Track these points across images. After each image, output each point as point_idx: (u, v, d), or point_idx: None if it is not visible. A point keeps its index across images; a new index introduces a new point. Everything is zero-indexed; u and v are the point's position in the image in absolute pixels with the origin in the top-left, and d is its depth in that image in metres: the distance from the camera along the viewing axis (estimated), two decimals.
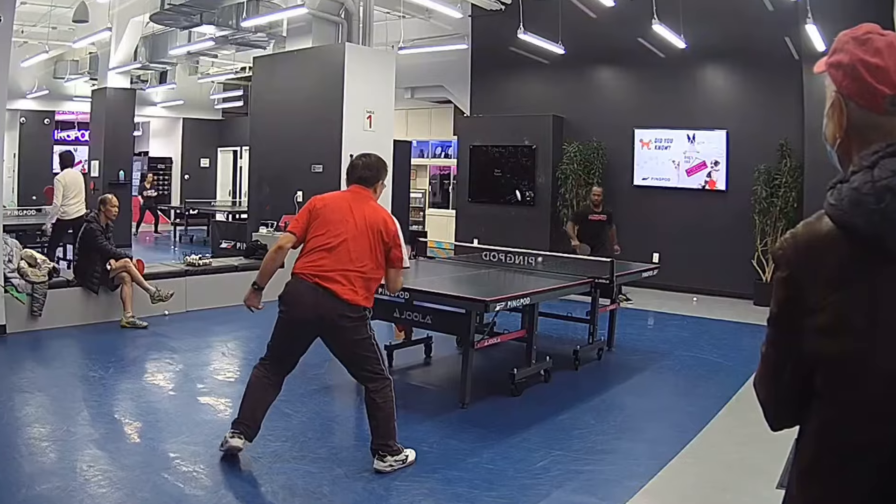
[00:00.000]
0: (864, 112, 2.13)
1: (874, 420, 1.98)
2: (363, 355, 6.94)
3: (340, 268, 6.71)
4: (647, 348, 12.75)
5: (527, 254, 12.05)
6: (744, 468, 7.34)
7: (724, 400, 9.63)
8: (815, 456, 2.13)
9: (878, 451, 1.96)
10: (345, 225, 6.84)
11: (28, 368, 10.36)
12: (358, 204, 7.01)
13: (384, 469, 6.95)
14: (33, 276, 12.12)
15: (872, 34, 2.15)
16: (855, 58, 2.14)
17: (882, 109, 2.11)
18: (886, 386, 1.96)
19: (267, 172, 17.96)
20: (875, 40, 2.14)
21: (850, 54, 2.15)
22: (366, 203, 7.05)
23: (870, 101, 2.12)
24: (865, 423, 2.00)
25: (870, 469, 1.98)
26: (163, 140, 35.98)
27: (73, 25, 22.05)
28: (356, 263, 6.75)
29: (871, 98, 2.11)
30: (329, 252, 6.77)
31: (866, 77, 2.11)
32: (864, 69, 2.12)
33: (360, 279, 6.76)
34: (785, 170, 16.68)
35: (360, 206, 7.00)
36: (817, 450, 2.12)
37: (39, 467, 6.82)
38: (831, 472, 2.07)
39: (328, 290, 6.67)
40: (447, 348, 11.70)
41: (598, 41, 19.44)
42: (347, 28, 17.71)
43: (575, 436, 8.21)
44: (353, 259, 6.75)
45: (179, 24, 18.34)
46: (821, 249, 2.07)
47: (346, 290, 6.68)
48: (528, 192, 20.75)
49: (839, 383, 2.04)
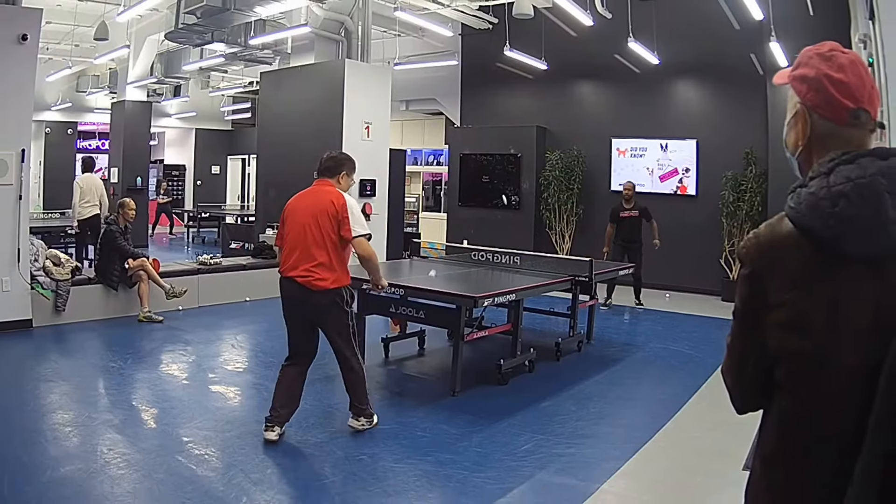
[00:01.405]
0: (827, 123, 2.14)
1: (834, 412, 1.98)
2: (341, 336, 7.26)
3: (307, 263, 7.05)
4: (624, 341, 12.76)
5: (512, 254, 12.01)
6: (713, 451, 7.36)
7: (694, 388, 9.66)
8: (778, 443, 2.13)
9: (840, 438, 1.96)
10: (301, 217, 7.18)
11: (52, 359, 10.38)
12: (314, 195, 7.35)
13: (357, 427, 7.45)
14: (57, 274, 12.15)
15: (836, 51, 2.17)
16: (820, 72, 2.15)
17: (844, 121, 2.12)
18: (844, 380, 1.96)
19: (273, 179, 17.90)
20: (839, 57, 2.15)
21: (815, 69, 2.17)
22: (322, 191, 7.36)
23: (833, 113, 2.13)
24: (826, 415, 2.00)
25: (832, 455, 1.98)
26: (177, 149, 35.88)
27: (94, 43, 21.95)
28: (319, 253, 7.06)
29: (835, 110, 2.13)
30: (295, 252, 7.14)
31: (831, 90, 2.12)
32: (828, 83, 2.13)
33: (326, 267, 7.07)
34: (750, 176, 16.69)
35: (317, 196, 7.31)
36: (780, 438, 2.12)
37: (63, 451, 6.85)
38: (794, 460, 2.07)
39: (302, 284, 7.06)
40: (439, 341, 11.67)
41: (579, 57, 19.43)
42: (347, 45, 17.68)
43: (557, 421, 8.22)
44: (315, 251, 7.06)
45: (192, 42, 18.27)
46: (781, 249, 2.08)
47: (316, 281, 7.04)
48: (513, 196, 20.74)
49: (799, 377, 2.05)
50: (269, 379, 9.34)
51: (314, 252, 7.06)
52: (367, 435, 7.52)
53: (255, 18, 16.42)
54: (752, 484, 2.23)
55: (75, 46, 23.28)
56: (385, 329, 11.47)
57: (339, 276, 7.17)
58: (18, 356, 10.52)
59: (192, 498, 5.89)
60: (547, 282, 10.58)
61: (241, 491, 6.12)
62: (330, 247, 7.10)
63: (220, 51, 20.00)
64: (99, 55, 23.46)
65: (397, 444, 7.35)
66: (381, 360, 10.65)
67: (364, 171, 16.81)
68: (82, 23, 21.21)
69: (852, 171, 2.00)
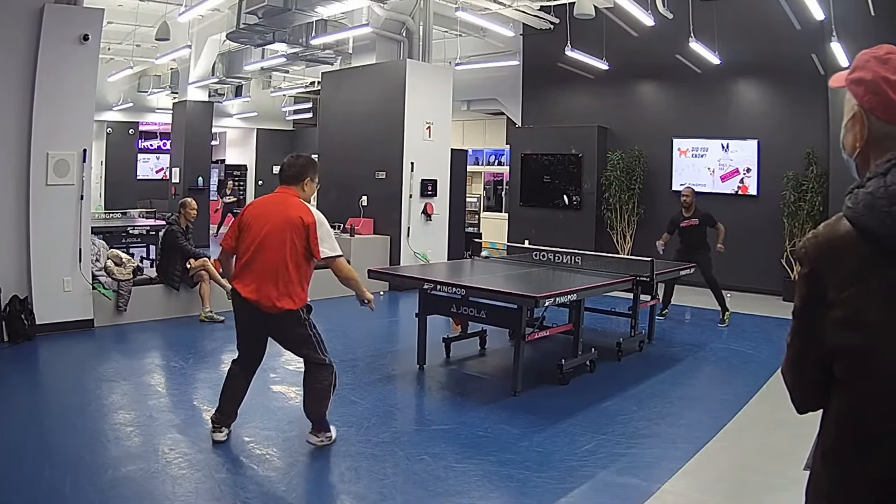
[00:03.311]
0: (884, 124, 2.16)
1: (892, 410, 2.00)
2: (304, 347, 6.96)
3: (267, 283, 6.70)
4: (685, 341, 12.68)
5: (573, 254, 12.00)
6: (774, 451, 7.33)
7: (755, 388, 9.62)
8: (837, 440, 2.15)
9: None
10: (262, 230, 6.78)
11: (114, 359, 10.48)
12: (278, 206, 6.91)
13: (315, 443, 7.14)
14: (119, 275, 12.32)
15: (893, 54, 2.18)
16: (878, 75, 2.17)
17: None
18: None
19: (335, 179, 18.00)
20: (895, 60, 2.17)
21: (872, 72, 2.18)
22: (287, 202, 6.93)
23: (890, 115, 2.15)
24: (884, 411, 2.02)
25: (890, 455, 1.99)
26: (238, 149, 36.18)
27: (155, 43, 22.21)
28: (282, 271, 6.71)
29: (892, 112, 2.15)
30: (252, 266, 6.77)
31: (889, 93, 2.14)
32: (886, 86, 2.15)
33: (286, 286, 6.73)
34: (811, 176, 16.58)
35: (281, 207, 6.89)
36: (838, 435, 2.15)
37: (125, 451, 6.91)
38: (853, 457, 2.09)
39: (256, 305, 6.71)
40: (500, 341, 11.72)
41: (640, 57, 19.40)
42: (408, 45, 17.76)
43: (618, 421, 8.21)
44: (274, 269, 6.70)
45: (254, 42, 18.41)
46: (839, 249, 2.10)
47: (272, 302, 6.70)
48: (574, 197, 20.69)
49: (856, 374, 2.07)
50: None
51: (278, 269, 6.71)
52: (429, 435, 7.58)
53: (316, 18, 16.51)
54: (812, 481, 2.26)
55: (136, 47, 23.58)
56: (446, 329, 11.51)
57: (302, 295, 6.88)
58: (80, 356, 10.64)
59: (254, 498, 5.95)
60: (608, 282, 10.56)
61: (302, 491, 6.20)
62: (293, 266, 6.77)
63: (282, 51, 20.16)
64: (160, 55, 23.81)
65: (458, 443, 7.38)
66: (442, 360, 10.69)
67: (425, 172, 16.92)
68: (143, 23, 21.49)
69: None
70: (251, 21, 15.75)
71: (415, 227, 17.06)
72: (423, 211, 17.17)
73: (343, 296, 8.05)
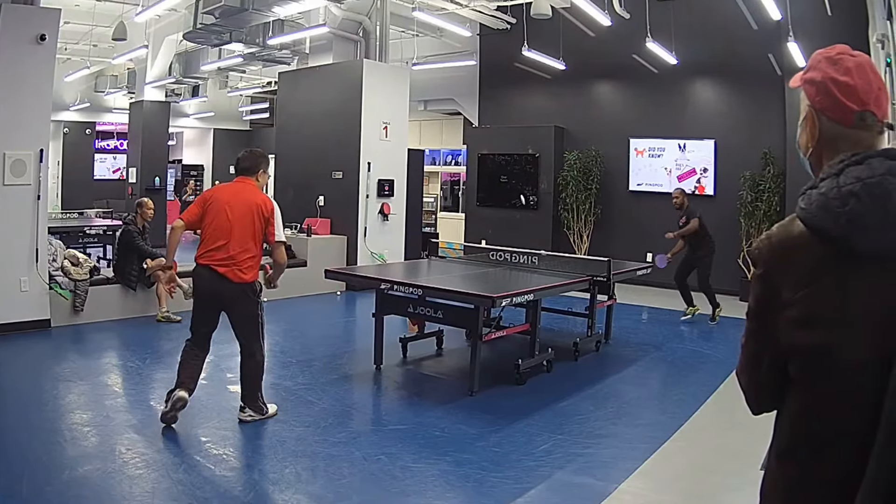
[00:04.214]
0: (834, 125, 2.18)
1: (847, 408, 2.00)
2: (250, 326, 7.75)
3: (229, 256, 7.52)
4: (642, 341, 12.73)
5: (530, 253, 12.02)
6: (730, 451, 7.37)
7: (712, 388, 9.67)
8: (791, 440, 2.15)
9: (854, 435, 1.97)
10: (231, 212, 7.62)
11: (70, 359, 10.42)
12: (240, 193, 7.81)
13: (244, 419, 7.75)
14: (76, 275, 12.22)
15: (844, 55, 2.20)
16: (826, 76, 2.19)
17: (850, 123, 2.16)
18: (856, 376, 1.98)
19: (292, 179, 17.98)
20: (845, 60, 2.19)
21: (822, 72, 2.20)
22: (251, 190, 7.88)
23: (839, 116, 2.17)
24: (839, 411, 2.02)
25: (847, 452, 1.98)
26: (195, 148, 36.08)
27: (112, 43, 22.05)
28: (242, 247, 7.57)
29: (841, 113, 2.16)
30: (219, 243, 7.56)
31: (836, 94, 2.16)
32: (834, 87, 2.17)
33: (247, 261, 7.62)
34: (768, 176, 16.68)
35: (243, 193, 7.80)
36: (792, 435, 2.15)
37: (82, 451, 6.88)
38: (808, 456, 2.08)
39: (222, 275, 7.52)
40: (457, 341, 11.69)
41: (597, 57, 19.43)
42: (365, 46, 17.76)
43: (575, 421, 8.23)
44: (238, 246, 7.55)
45: (211, 42, 18.31)
46: (793, 249, 2.10)
47: (236, 273, 7.53)
48: (531, 196, 20.71)
49: (812, 373, 2.07)
50: (288, 378, 9.43)
51: (248, 245, 7.62)
52: (385, 435, 7.57)
53: (273, 18, 16.46)
54: (766, 481, 2.25)
55: (93, 46, 23.47)
56: (403, 329, 11.44)
57: (257, 269, 7.76)
58: (37, 356, 10.55)
59: (211, 498, 5.92)
60: (565, 282, 10.56)
61: (259, 491, 6.16)
62: (256, 245, 7.70)
63: (239, 51, 20.06)
64: (117, 55, 23.63)
65: (415, 443, 7.37)
66: (399, 360, 10.65)
67: (382, 171, 16.92)
68: (100, 23, 21.34)
69: (862, 172, 2.03)
70: (208, 21, 15.66)
71: (372, 227, 17.05)
72: (379, 211, 17.14)
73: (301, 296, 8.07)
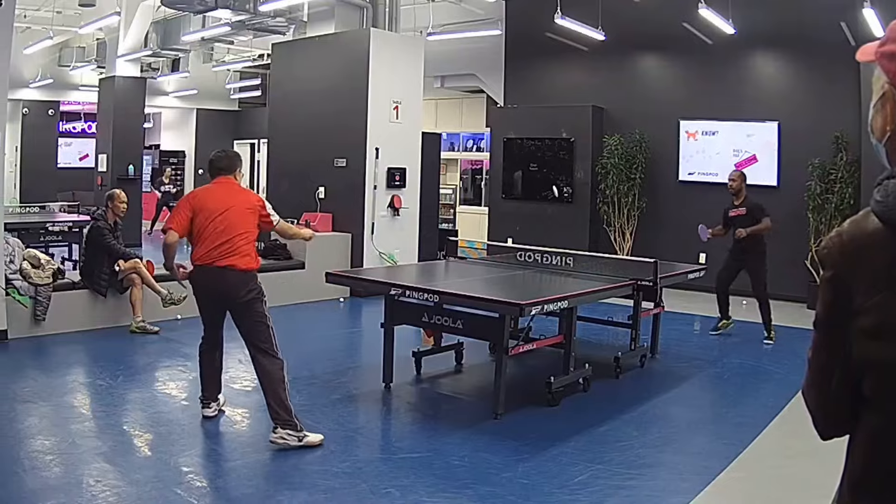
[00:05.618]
0: None
1: None
2: (260, 329, 8.07)
3: (231, 245, 8.02)
4: (693, 355, 12.73)
5: (564, 254, 11.96)
6: (796, 483, 7.35)
7: (775, 410, 9.59)
8: (867, 468, 2.12)
9: None
10: (227, 209, 8.13)
11: (31, 377, 10.42)
12: (231, 192, 8.36)
13: (277, 442, 7.65)
14: (36, 278, 12.17)
15: None
16: None
17: None
18: None
19: (287, 168, 18.00)
20: None
21: None
22: (237, 188, 8.51)
23: None
24: None
25: None
26: (175, 132, 36.14)
27: (79, 9, 22.07)
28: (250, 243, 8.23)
29: None
30: (220, 236, 8.03)
31: None
32: None
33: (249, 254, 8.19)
34: (841, 164, 16.58)
35: (234, 193, 8.38)
36: (868, 462, 2.12)
37: (43, 482, 6.86)
38: (884, 485, 2.06)
39: (227, 266, 7.99)
40: (479, 355, 11.69)
41: (641, 26, 19.43)
42: (373, 12, 17.70)
43: (616, 449, 8.22)
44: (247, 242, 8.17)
45: (193, 8, 18.32)
46: (867, 248, 2.06)
47: (240, 261, 8.04)
48: (565, 188, 20.71)
49: (888, 392, 2.03)
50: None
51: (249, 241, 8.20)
52: (396, 465, 7.57)
53: None
54: None
55: (57, 13, 23.38)
56: (417, 342, 11.47)
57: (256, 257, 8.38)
58: None
59: None
60: (605, 287, 10.54)
61: None
62: (252, 240, 8.32)
63: (225, 18, 19.97)
64: (84, 24, 23.54)
65: (431, 474, 7.37)
66: (412, 378, 10.67)
67: (392, 159, 16.90)
68: None
69: None
70: None
71: (380, 223, 17.02)
72: (389, 204, 17.15)
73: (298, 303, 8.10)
